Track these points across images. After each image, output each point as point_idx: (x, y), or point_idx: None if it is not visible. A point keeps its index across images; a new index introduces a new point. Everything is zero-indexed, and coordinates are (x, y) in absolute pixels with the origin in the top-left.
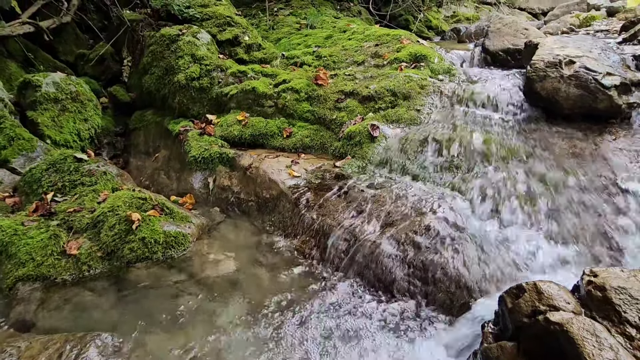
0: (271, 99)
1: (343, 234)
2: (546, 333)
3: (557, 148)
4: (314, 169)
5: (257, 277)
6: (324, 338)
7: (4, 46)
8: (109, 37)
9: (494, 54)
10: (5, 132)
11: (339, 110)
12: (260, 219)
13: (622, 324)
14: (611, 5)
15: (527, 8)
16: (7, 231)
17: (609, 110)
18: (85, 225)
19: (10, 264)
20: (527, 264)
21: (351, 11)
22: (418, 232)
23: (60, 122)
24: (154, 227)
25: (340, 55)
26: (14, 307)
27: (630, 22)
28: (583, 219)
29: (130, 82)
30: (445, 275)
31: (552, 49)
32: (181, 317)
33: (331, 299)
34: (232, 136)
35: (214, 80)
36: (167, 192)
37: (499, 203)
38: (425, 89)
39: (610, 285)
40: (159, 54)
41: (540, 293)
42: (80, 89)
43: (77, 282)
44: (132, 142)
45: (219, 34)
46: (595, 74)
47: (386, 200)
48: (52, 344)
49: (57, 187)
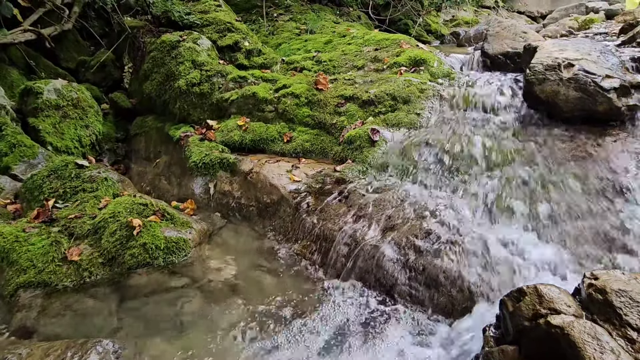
0: (271, 104)
1: (344, 238)
2: (547, 336)
3: (557, 151)
4: (314, 174)
5: (258, 282)
6: (325, 342)
7: (6, 53)
8: (110, 44)
9: (493, 58)
10: (6, 139)
11: (339, 115)
12: (261, 224)
13: (623, 327)
14: (610, 8)
15: (526, 11)
16: (9, 238)
17: (609, 113)
18: (86, 232)
19: (12, 270)
20: (528, 267)
21: (351, 16)
22: (419, 236)
23: (61, 128)
24: (155, 232)
25: (340, 60)
26: (15, 313)
27: (629, 25)
28: (584, 222)
29: (131, 89)
30: (446, 279)
31: (551, 52)
32: (182, 322)
33: (332, 303)
34: (232, 141)
35: (215, 86)
36: (168, 198)
37: (499, 206)
38: (425, 92)
39: (611, 288)
40: (160, 60)
41: (541, 296)
42: (81, 96)
43: (78, 289)
44: (133, 148)
45: (219, 40)
46: (595, 77)
47: (387, 204)
48: (53, 351)
49: (58, 193)
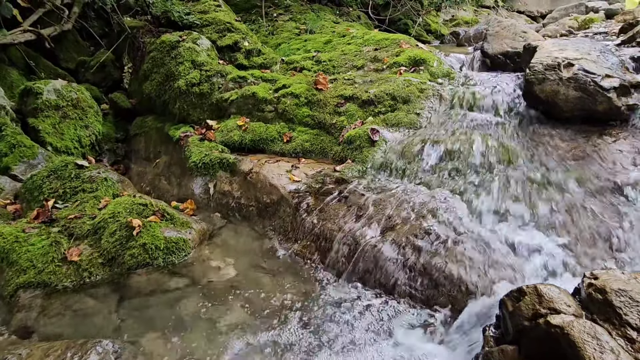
0: (271, 104)
1: (344, 238)
2: (547, 336)
3: (557, 150)
4: (314, 174)
5: (258, 283)
6: (325, 343)
7: (6, 54)
8: (109, 44)
9: (493, 57)
10: (6, 139)
11: (339, 115)
12: (261, 224)
13: (623, 327)
14: (609, 8)
15: (526, 11)
16: (8, 238)
17: (609, 113)
18: (86, 232)
19: (12, 271)
20: (528, 267)
21: (350, 16)
22: (419, 235)
23: (61, 129)
24: (155, 233)
25: (339, 60)
26: (15, 314)
27: (629, 25)
28: (584, 221)
29: (130, 89)
30: (446, 278)
31: (550, 51)
32: (182, 322)
33: (332, 303)
34: (232, 141)
35: (214, 86)
36: (168, 198)
37: (498, 206)
38: (425, 92)
39: (611, 288)
40: (160, 61)
41: (541, 296)
42: (81, 96)
43: (78, 289)
44: (132, 148)
45: (218, 40)
46: (594, 76)
47: (387, 204)
48: (53, 351)
49: (58, 193)
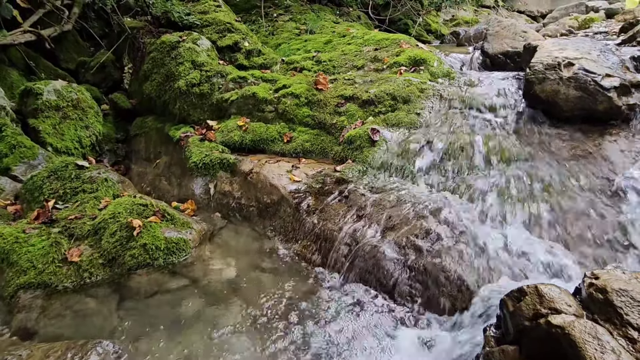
0: (271, 104)
1: (344, 238)
2: (548, 336)
3: (557, 150)
4: (314, 174)
5: (259, 283)
6: (325, 343)
7: (6, 54)
8: (109, 45)
9: (493, 57)
10: (6, 140)
11: (339, 115)
12: (262, 224)
13: (624, 327)
14: (610, 7)
15: (526, 11)
16: (9, 239)
17: (609, 112)
18: (86, 232)
19: (12, 271)
20: (528, 267)
21: (350, 16)
22: (419, 235)
23: (61, 129)
24: (155, 233)
25: (339, 60)
26: (15, 314)
27: (629, 24)
28: (584, 221)
29: (131, 89)
30: (447, 278)
31: (550, 51)
32: (182, 323)
33: (332, 304)
34: (232, 142)
35: (215, 86)
36: (168, 198)
37: (499, 206)
38: (425, 92)
39: (612, 288)
40: (160, 61)
41: (542, 296)
42: (81, 96)
43: (78, 289)
44: (133, 149)
45: (219, 40)
46: (595, 76)
47: (387, 204)
48: (53, 352)
49: (58, 194)
